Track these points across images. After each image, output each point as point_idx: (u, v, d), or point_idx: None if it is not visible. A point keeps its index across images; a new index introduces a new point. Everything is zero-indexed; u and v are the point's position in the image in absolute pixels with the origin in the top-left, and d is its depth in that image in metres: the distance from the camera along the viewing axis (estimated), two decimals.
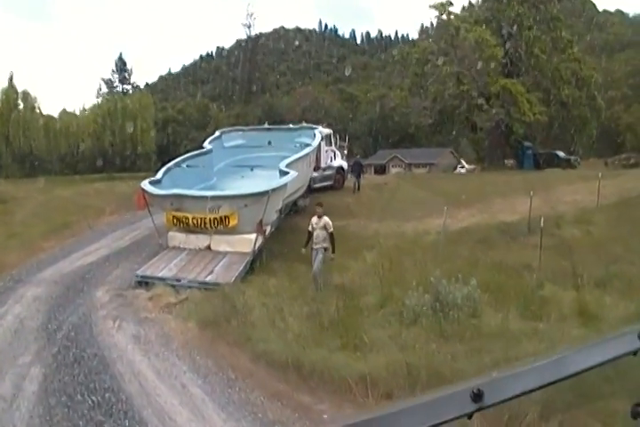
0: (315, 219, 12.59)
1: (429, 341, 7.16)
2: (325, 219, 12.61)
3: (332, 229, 12.53)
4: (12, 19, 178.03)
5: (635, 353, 1.07)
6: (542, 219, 13.33)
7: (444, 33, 43.19)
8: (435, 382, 5.50)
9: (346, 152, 26.07)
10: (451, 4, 43.37)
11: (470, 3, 51.27)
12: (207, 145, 21.04)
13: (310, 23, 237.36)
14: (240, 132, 23.52)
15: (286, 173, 15.08)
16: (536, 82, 42.46)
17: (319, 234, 12.36)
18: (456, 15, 44.01)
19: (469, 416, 0.95)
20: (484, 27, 41.50)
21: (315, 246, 12.31)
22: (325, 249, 12.28)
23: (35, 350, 8.46)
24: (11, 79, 53.18)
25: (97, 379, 7.25)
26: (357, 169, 25.80)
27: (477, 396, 0.94)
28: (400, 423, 0.90)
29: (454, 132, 48.20)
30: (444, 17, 43.60)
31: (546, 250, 12.61)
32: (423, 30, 53.60)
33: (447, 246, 14.87)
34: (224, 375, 7.20)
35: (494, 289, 9.32)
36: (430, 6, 44.02)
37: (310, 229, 12.51)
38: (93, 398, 6.63)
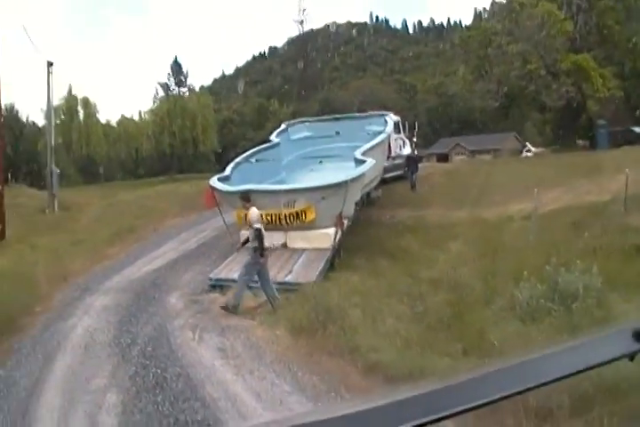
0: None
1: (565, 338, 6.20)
2: (250, 212, 10.80)
3: (257, 225, 10.46)
4: (70, 26, 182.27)
5: (631, 358, 0.88)
6: None
7: (507, 11, 41.73)
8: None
9: (415, 140, 25.07)
10: None
11: None
12: (274, 138, 20.45)
13: (362, 16, 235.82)
14: (306, 124, 22.86)
15: (363, 161, 14.25)
16: (609, 55, 40.48)
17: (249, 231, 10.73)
18: None
19: (631, 357, 0.86)
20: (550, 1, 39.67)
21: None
22: (255, 250, 10.40)
23: (109, 371, 7.50)
24: (70, 88, 53.77)
25: (186, 407, 6.09)
26: (413, 165, 23.09)
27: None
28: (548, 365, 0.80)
29: (521, 114, 46.70)
30: None
31: None
32: (477, 15, 51.97)
33: (538, 232, 13.80)
34: (337, 396, 6.07)
35: (615, 276, 8.25)
36: None
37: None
38: None
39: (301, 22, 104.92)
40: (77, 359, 8.25)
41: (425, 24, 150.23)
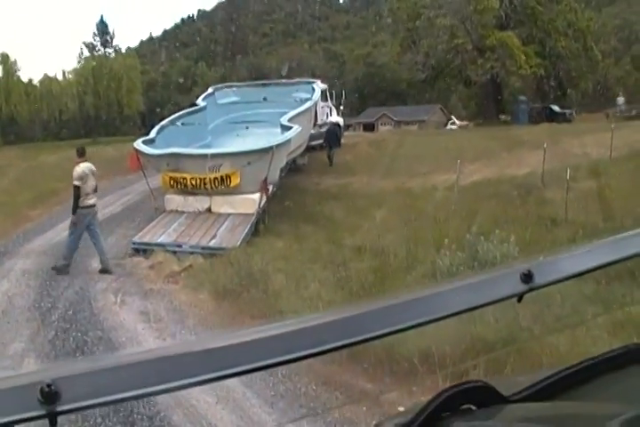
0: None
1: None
2: (75, 168, 10.46)
3: (76, 182, 10.16)
4: None
5: (519, 299, 0.89)
6: (568, 170, 12.52)
7: None
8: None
9: (342, 108, 25.03)
10: None
11: None
12: (200, 102, 20.09)
13: None
14: (234, 89, 22.53)
15: (289, 127, 14.19)
16: (532, 34, 41.42)
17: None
18: None
19: (519, 298, 0.88)
20: None
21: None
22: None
23: (28, 336, 7.28)
24: None
25: None
26: (333, 136, 21.53)
27: (527, 277, 0.86)
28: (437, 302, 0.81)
29: (447, 87, 47.36)
30: None
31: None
32: None
33: (460, 202, 14.13)
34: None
35: (531, 245, 8.55)
36: None
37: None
38: None
39: None
40: None
41: None
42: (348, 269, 8.43)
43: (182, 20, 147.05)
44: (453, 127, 46.22)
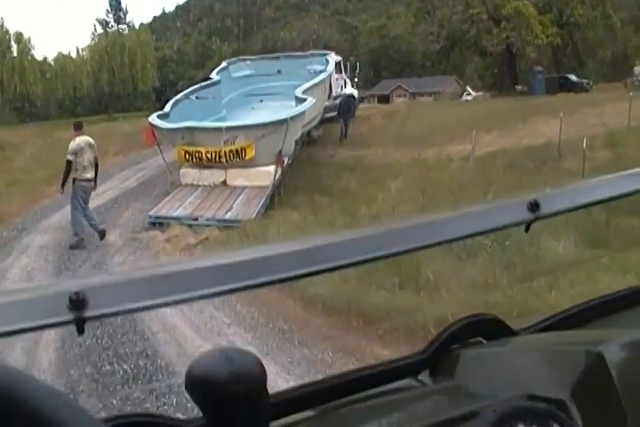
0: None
1: (500, 275, 6.38)
2: (71, 142, 10.84)
3: (68, 157, 10.56)
4: None
5: (526, 229, 0.87)
6: (585, 140, 12.41)
7: None
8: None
9: (356, 80, 24.86)
10: None
11: None
12: (214, 76, 20.05)
13: None
14: (248, 62, 22.47)
15: (303, 100, 14.15)
16: (548, 3, 40.77)
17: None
18: None
19: (527, 228, 0.86)
20: None
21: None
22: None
23: None
24: (2, 22, 51.37)
25: (126, 341, 6.05)
26: (346, 110, 20.89)
27: (534, 206, 0.84)
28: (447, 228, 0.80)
29: (462, 58, 46.88)
30: None
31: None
32: None
33: (475, 172, 14.08)
34: (274, 327, 6.23)
35: None
36: None
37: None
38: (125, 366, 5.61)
39: None
40: None
41: None
42: None
43: None
44: (469, 98, 45.78)
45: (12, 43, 52.59)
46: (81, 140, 10.75)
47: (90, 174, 10.62)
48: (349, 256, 0.73)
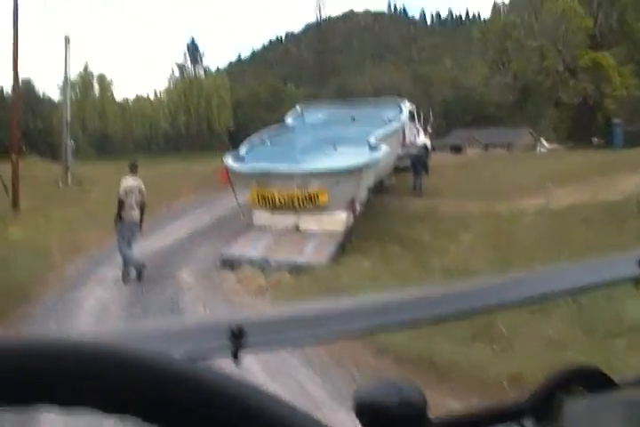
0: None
1: (576, 335, 6.22)
2: (122, 181, 11.30)
3: (120, 195, 11.03)
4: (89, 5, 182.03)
5: (636, 284, 0.86)
6: None
7: (527, 5, 41.46)
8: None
9: (429, 130, 24.85)
10: None
11: None
12: (289, 120, 20.38)
13: (380, 5, 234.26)
14: (322, 108, 22.74)
15: (377, 147, 14.21)
16: (629, 53, 40.10)
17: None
18: None
19: (637, 283, 0.85)
20: None
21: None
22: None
23: None
24: (86, 64, 53.75)
25: None
26: (419, 163, 20.41)
27: None
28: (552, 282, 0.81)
29: (536, 110, 46.50)
30: None
31: None
32: (496, 8, 51.58)
33: (550, 227, 13.80)
34: (347, 373, 6.19)
35: None
36: None
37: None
38: None
39: (320, 9, 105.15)
40: (89, 329, 8.34)
41: (443, 16, 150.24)
42: None
43: (270, 41, 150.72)
44: (543, 150, 45.32)
45: (95, 84, 54.88)
46: (131, 181, 11.27)
47: (135, 215, 11.04)
48: (442, 310, 0.78)
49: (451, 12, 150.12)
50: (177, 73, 63.62)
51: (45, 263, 12.31)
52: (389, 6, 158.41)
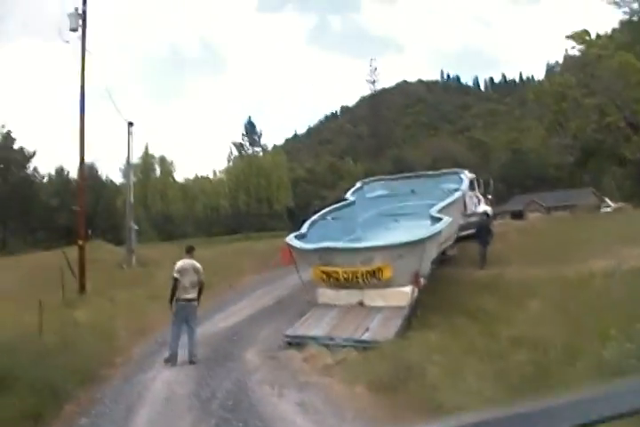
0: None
1: None
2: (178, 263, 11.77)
3: (175, 275, 11.57)
4: (146, 95, 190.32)
5: None
6: None
7: (582, 64, 41.51)
8: None
9: (490, 197, 24.73)
10: (587, 33, 41.75)
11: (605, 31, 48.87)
12: (349, 196, 20.65)
13: (433, 74, 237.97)
14: (381, 182, 23.00)
15: (439, 219, 14.23)
16: None
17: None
18: (595, 43, 42.02)
19: None
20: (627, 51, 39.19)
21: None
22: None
23: (190, 424, 7.65)
24: (147, 147, 55.65)
25: None
26: (484, 234, 19.95)
27: None
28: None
29: (598, 169, 45.83)
30: (582, 47, 41.84)
31: None
32: (550, 68, 51.92)
33: (621, 290, 13.37)
34: None
35: None
36: (567, 37, 42.60)
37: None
38: None
39: (373, 82, 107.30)
40: (158, 410, 8.42)
41: (496, 80, 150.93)
42: (505, 362, 8.16)
43: (326, 116, 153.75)
44: (608, 210, 44.33)
45: (156, 166, 56.65)
46: (185, 262, 11.62)
47: (190, 295, 11.38)
48: None
49: (504, 77, 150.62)
50: (235, 152, 65.17)
51: (112, 346, 12.60)
52: (442, 74, 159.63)
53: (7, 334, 12.77)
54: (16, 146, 64.02)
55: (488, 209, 23.78)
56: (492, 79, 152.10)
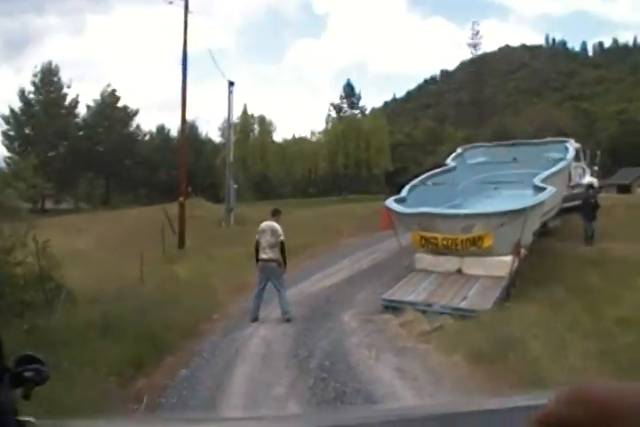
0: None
1: None
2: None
3: (281, 238, 11.46)
4: (246, 56, 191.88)
5: None
6: None
7: None
8: None
9: (596, 169, 23.72)
10: None
11: None
12: (450, 162, 20.23)
13: (537, 39, 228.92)
14: (483, 149, 22.38)
15: (542, 188, 13.76)
16: None
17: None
18: None
19: None
20: None
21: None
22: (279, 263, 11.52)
23: (289, 382, 7.69)
24: (245, 107, 56.01)
25: None
26: (588, 208, 18.86)
27: None
28: None
29: None
30: None
31: None
32: None
33: None
34: None
35: None
36: None
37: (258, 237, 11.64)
38: None
39: (475, 46, 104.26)
40: (256, 367, 8.56)
41: (607, 45, 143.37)
42: (612, 342, 7.86)
43: (425, 80, 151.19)
44: None
45: (256, 126, 57.03)
46: (266, 223, 11.69)
47: (266, 255, 11.40)
48: None
49: (615, 41, 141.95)
50: (333, 114, 64.71)
51: (210, 301, 12.89)
52: (547, 39, 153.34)
53: (113, 284, 13.33)
54: (120, 104, 65.93)
55: (594, 181, 22.83)
56: (601, 44, 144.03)
